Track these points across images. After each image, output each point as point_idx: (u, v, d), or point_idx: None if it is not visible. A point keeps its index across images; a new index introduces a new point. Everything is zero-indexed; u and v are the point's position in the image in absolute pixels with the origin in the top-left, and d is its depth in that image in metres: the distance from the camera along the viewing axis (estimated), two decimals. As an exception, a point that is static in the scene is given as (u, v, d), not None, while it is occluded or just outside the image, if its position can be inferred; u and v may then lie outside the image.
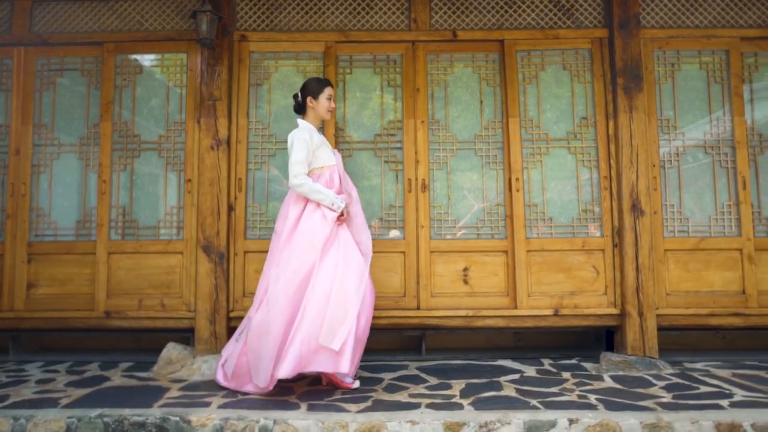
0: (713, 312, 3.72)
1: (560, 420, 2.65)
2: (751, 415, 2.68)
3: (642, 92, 3.78)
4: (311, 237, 3.03)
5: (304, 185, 3.09)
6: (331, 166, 3.25)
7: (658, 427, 2.63)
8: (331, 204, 3.07)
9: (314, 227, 3.05)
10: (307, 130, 3.21)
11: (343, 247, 3.09)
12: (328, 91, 3.30)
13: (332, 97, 3.34)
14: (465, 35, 3.93)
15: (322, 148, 3.25)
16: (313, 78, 3.38)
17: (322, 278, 2.96)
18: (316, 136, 3.22)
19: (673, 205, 3.83)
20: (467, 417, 2.67)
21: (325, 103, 3.30)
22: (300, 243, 3.03)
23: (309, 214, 3.10)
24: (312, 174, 3.20)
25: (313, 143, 3.17)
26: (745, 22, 3.96)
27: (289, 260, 3.01)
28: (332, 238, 3.09)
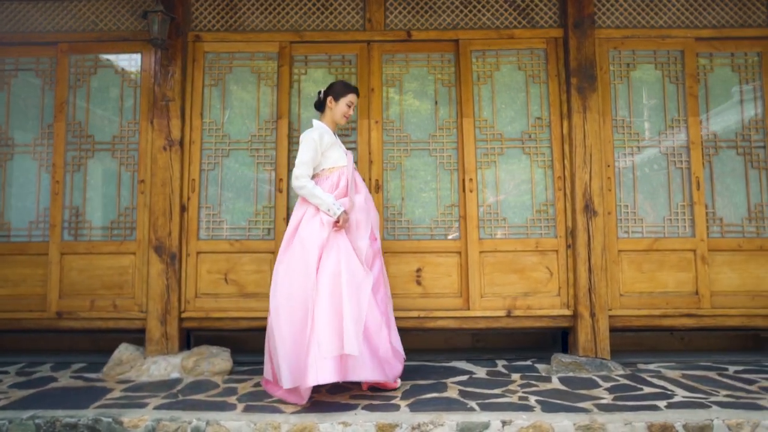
0: (666, 313, 3.71)
1: (493, 422, 2.64)
2: (684, 415, 2.67)
3: (596, 92, 3.76)
4: (307, 243, 2.97)
5: (304, 188, 3.06)
6: (340, 167, 3.19)
7: (591, 428, 2.62)
8: (327, 210, 3.00)
9: (311, 233, 2.99)
10: (318, 130, 3.18)
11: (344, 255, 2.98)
12: (351, 98, 3.27)
13: (353, 106, 3.30)
14: (419, 35, 3.92)
15: (333, 148, 3.19)
16: (342, 81, 3.35)
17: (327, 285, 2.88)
18: (327, 136, 3.17)
19: (627, 206, 3.82)
20: (400, 419, 2.66)
21: (344, 108, 3.26)
22: (297, 249, 2.99)
23: (308, 219, 3.05)
24: (321, 175, 3.17)
25: (322, 144, 3.13)
26: (700, 22, 3.94)
27: (287, 270, 2.97)
28: (331, 243, 2.99)
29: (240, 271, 3.78)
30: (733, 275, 3.78)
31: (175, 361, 3.53)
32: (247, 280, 3.77)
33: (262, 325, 3.71)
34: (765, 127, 3.89)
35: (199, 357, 3.54)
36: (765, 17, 3.95)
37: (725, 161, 3.89)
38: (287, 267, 2.99)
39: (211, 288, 3.76)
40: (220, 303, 3.75)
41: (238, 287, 3.77)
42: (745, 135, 3.89)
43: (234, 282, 3.77)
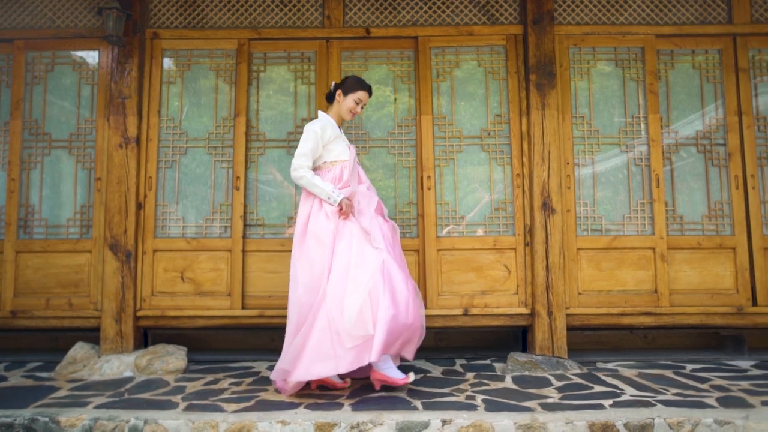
0: (625, 311, 3.68)
1: (433, 421, 2.61)
2: (626, 414, 2.65)
3: (555, 89, 3.74)
4: (319, 237, 2.98)
5: (303, 178, 3.05)
6: (343, 161, 3.16)
7: (532, 427, 2.59)
8: (327, 198, 3.00)
9: (320, 227, 3.00)
10: (322, 122, 3.16)
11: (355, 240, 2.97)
12: (360, 95, 3.21)
13: (361, 103, 3.23)
14: (378, 32, 3.90)
15: (336, 142, 3.17)
16: (356, 77, 3.29)
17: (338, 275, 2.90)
18: (330, 129, 3.14)
19: (587, 204, 3.80)
20: (340, 418, 2.64)
21: (351, 104, 3.21)
22: (311, 244, 3.00)
23: (315, 214, 3.04)
24: (322, 168, 3.15)
25: (324, 136, 3.11)
26: (661, 19, 3.92)
27: (304, 265, 2.98)
28: (340, 233, 3.00)
29: (197, 269, 3.76)
30: (693, 273, 3.76)
31: (128, 359, 3.51)
32: (203, 278, 3.75)
33: (220, 324, 3.72)
34: (725, 125, 3.86)
35: (154, 356, 3.52)
36: (726, 15, 3.92)
37: (686, 159, 3.86)
38: (305, 262, 2.99)
39: (167, 286, 3.74)
40: (177, 301, 3.73)
41: (194, 285, 3.75)
42: (706, 133, 3.87)
43: (191, 280, 3.75)
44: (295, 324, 3.00)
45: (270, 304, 3.73)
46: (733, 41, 3.90)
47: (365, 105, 3.29)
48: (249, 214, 3.81)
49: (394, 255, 3.05)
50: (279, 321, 3.69)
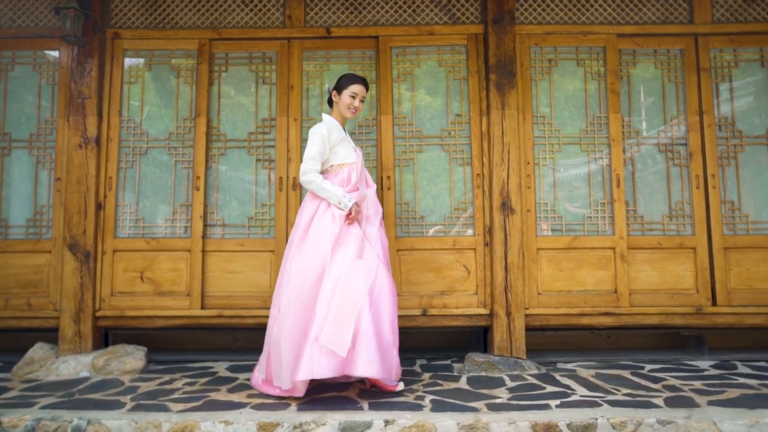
0: (584, 311, 3.68)
1: (376, 421, 2.61)
2: (570, 415, 2.64)
3: (515, 89, 3.73)
4: (321, 239, 2.94)
5: (312, 182, 3.01)
6: (350, 164, 3.13)
7: (475, 428, 2.59)
8: (338, 203, 2.96)
9: (324, 229, 2.95)
10: (327, 124, 3.12)
11: (351, 249, 2.94)
12: (354, 89, 3.15)
13: (358, 96, 3.16)
14: (339, 32, 3.89)
15: (342, 144, 3.13)
16: (348, 73, 3.26)
17: (330, 280, 2.87)
18: (335, 132, 3.11)
19: (547, 203, 3.79)
20: (283, 418, 2.64)
21: (347, 99, 3.15)
22: (311, 245, 2.95)
23: (321, 215, 3.00)
24: (330, 171, 3.11)
25: (331, 139, 3.07)
26: (623, 19, 3.91)
27: (301, 263, 2.94)
28: (342, 237, 2.96)
29: (156, 270, 3.75)
30: (654, 273, 3.76)
31: (86, 360, 3.51)
32: (163, 278, 3.75)
33: (179, 324, 3.72)
34: (687, 124, 3.85)
35: (111, 356, 3.52)
36: (687, 14, 3.91)
37: (648, 159, 3.86)
38: (300, 264, 2.94)
39: (127, 286, 3.74)
40: (136, 301, 3.73)
41: (154, 285, 3.74)
42: (667, 132, 3.86)
43: (150, 280, 3.75)
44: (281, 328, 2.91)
45: (229, 304, 3.73)
46: (695, 41, 3.89)
47: (364, 99, 3.21)
48: (209, 215, 3.81)
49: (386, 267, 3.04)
50: (237, 321, 3.70)
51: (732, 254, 3.76)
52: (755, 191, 3.83)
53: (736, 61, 3.91)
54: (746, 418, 2.61)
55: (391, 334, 2.92)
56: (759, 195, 3.83)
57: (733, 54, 3.91)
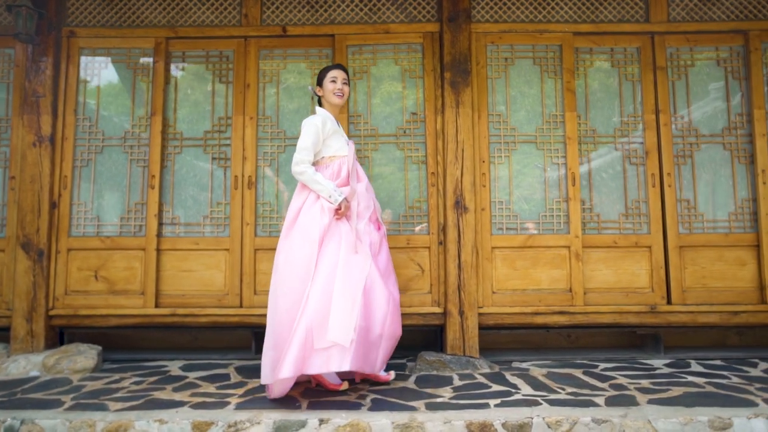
0: (538, 310, 3.67)
1: (311, 420, 2.60)
2: (506, 414, 2.63)
3: (470, 87, 3.72)
4: (308, 231, 2.91)
5: (304, 173, 2.99)
6: (342, 157, 3.11)
7: (410, 427, 2.58)
8: (329, 196, 2.94)
9: (312, 220, 2.93)
10: (321, 116, 3.11)
11: (345, 244, 2.92)
12: (333, 73, 3.17)
13: (338, 78, 3.16)
14: (295, 30, 3.89)
15: (335, 137, 3.12)
16: (324, 67, 3.28)
17: (323, 274, 2.84)
18: (329, 123, 3.09)
19: (502, 202, 3.78)
20: (218, 416, 2.63)
21: (330, 86, 3.16)
22: (297, 238, 2.93)
23: (309, 206, 2.98)
24: (321, 163, 3.10)
25: (324, 130, 3.06)
26: (579, 17, 3.90)
27: (288, 257, 2.92)
28: (331, 231, 2.94)
29: (111, 268, 3.75)
30: (609, 272, 3.75)
31: (36, 359, 3.50)
32: (117, 276, 3.74)
33: (133, 323, 3.71)
34: (643, 123, 3.84)
35: (63, 355, 3.52)
36: (643, 13, 3.90)
37: (604, 157, 3.85)
38: (286, 257, 2.92)
39: (81, 285, 3.74)
40: (90, 300, 3.72)
41: (108, 284, 3.74)
42: (624, 131, 3.86)
43: (104, 279, 3.74)
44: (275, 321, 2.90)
45: (184, 303, 3.73)
46: (651, 40, 3.88)
47: (347, 81, 3.21)
48: (165, 213, 3.81)
49: (378, 263, 3.02)
50: (191, 320, 3.70)
51: (687, 253, 3.75)
52: (711, 190, 3.82)
53: (693, 60, 3.90)
54: (681, 416, 2.61)
55: (380, 330, 2.91)
56: (715, 194, 3.82)
57: (690, 53, 3.90)
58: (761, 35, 3.84)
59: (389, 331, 2.96)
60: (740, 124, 3.85)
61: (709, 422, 2.60)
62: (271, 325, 2.90)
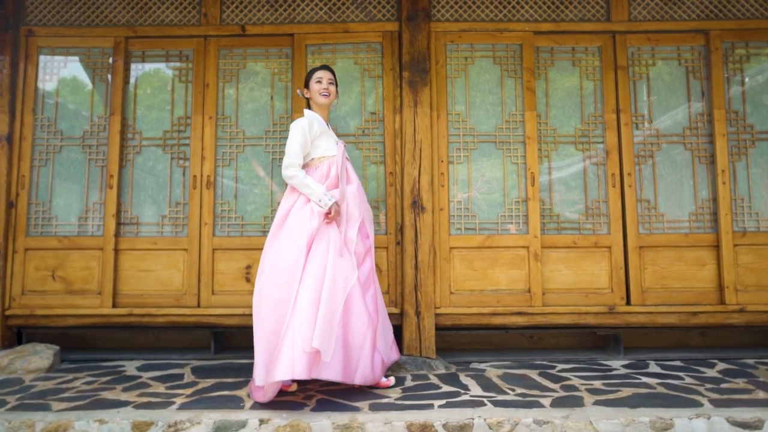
0: (496, 311, 3.66)
1: (251, 420, 2.59)
2: (448, 415, 2.62)
3: (428, 86, 3.71)
4: (297, 233, 2.90)
5: (294, 177, 2.98)
6: (330, 157, 3.09)
7: (350, 428, 2.57)
8: (318, 201, 2.92)
9: (301, 223, 2.91)
10: (308, 118, 3.10)
11: (333, 249, 2.90)
12: (318, 75, 3.16)
13: (324, 79, 3.14)
14: (254, 30, 3.88)
15: (323, 137, 3.09)
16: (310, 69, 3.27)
17: (312, 278, 2.83)
18: (316, 124, 3.07)
19: (461, 202, 3.77)
20: (158, 416, 2.62)
21: (315, 86, 3.15)
22: (285, 240, 2.91)
23: (298, 209, 2.96)
24: (310, 165, 3.08)
25: (312, 132, 3.04)
26: (540, 16, 3.89)
27: (275, 258, 2.91)
28: (321, 235, 2.93)
29: (68, 268, 3.74)
30: (569, 272, 3.73)
31: (-9, 359, 3.50)
32: (75, 276, 3.73)
33: (90, 323, 3.70)
34: (604, 122, 3.83)
35: (17, 355, 3.51)
36: (605, 12, 3.89)
37: (564, 157, 3.84)
38: (273, 258, 2.91)
39: (38, 285, 3.73)
40: (47, 300, 3.71)
41: (65, 284, 3.73)
42: (584, 130, 3.84)
43: (62, 279, 3.73)
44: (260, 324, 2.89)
45: (142, 303, 3.72)
46: (613, 39, 3.87)
47: (332, 81, 3.18)
48: (123, 213, 3.80)
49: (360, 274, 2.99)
50: (148, 320, 3.69)
51: (647, 253, 3.74)
52: (671, 190, 3.81)
53: (654, 59, 3.89)
54: (623, 417, 2.60)
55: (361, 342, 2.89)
56: (675, 194, 3.80)
57: (652, 52, 3.89)
58: (722, 35, 3.83)
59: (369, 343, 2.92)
60: (701, 124, 3.83)
61: (651, 423, 2.58)
62: (259, 327, 2.88)
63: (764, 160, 3.78)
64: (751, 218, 3.74)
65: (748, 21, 3.84)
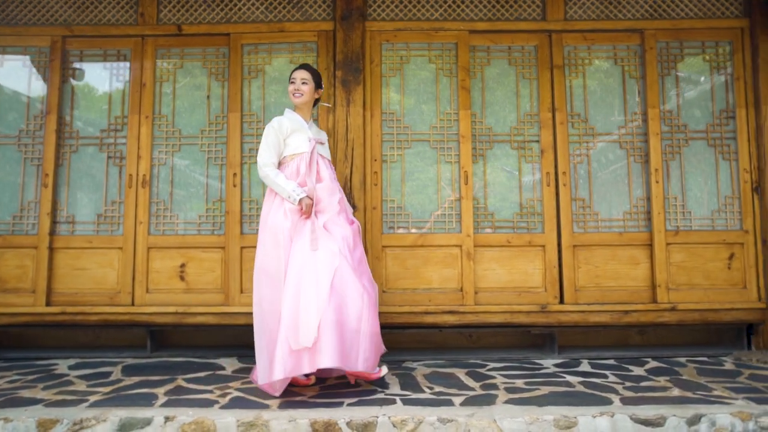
0: (428, 310, 3.66)
1: (156, 418, 2.60)
2: (352, 413, 2.62)
3: (361, 85, 3.72)
4: (275, 235, 2.96)
5: (267, 177, 3.04)
6: (299, 154, 3.10)
7: (255, 425, 2.58)
8: (288, 197, 2.97)
9: (277, 225, 2.97)
10: (279, 118, 3.13)
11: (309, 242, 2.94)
12: (292, 75, 3.18)
13: (297, 79, 3.14)
14: (190, 29, 3.89)
15: (294, 135, 3.10)
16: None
17: (291, 275, 2.88)
18: (287, 123, 3.10)
19: (394, 201, 3.78)
20: (64, 414, 2.62)
21: (290, 86, 3.17)
22: (268, 242, 2.99)
23: (276, 210, 3.02)
24: (283, 163, 3.11)
25: (282, 130, 3.07)
26: (476, 15, 3.89)
27: (261, 261, 2.99)
28: (298, 232, 2.96)
29: (2, 266, 3.75)
30: (502, 271, 3.74)
31: None
32: (9, 275, 3.75)
33: (23, 321, 3.72)
34: (539, 121, 3.83)
35: (-52, 353, 3.52)
36: (540, 11, 3.89)
37: (499, 156, 3.84)
38: (261, 261, 2.99)
39: (-29, 284, 3.75)
40: (-21, 298, 3.73)
41: (0, 283, 3.75)
42: (520, 129, 3.84)
43: (-5, 277, 3.75)
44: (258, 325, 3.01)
45: (76, 301, 3.73)
46: (549, 38, 3.87)
47: (306, 80, 3.15)
48: (59, 212, 3.81)
49: (352, 259, 3.00)
50: (82, 318, 3.70)
51: (581, 252, 3.74)
52: (607, 189, 3.81)
53: (590, 58, 3.89)
54: (528, 415, 2.60)
55: (357, 325, 2.86)
56: (610, 193, 3.80)
57: (588, 51, 3.89)
58: (657, 34, 3.83)
59: (366, 327, 2.90)
60: (636, 123, 3.83)
61: (555, 421, 2.59)
62: (258, 328, 2.99)
63: (697, 159, 3.79)
64: (684, 217, 3.74)
65: (682, 21, 3.84)
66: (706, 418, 2.62)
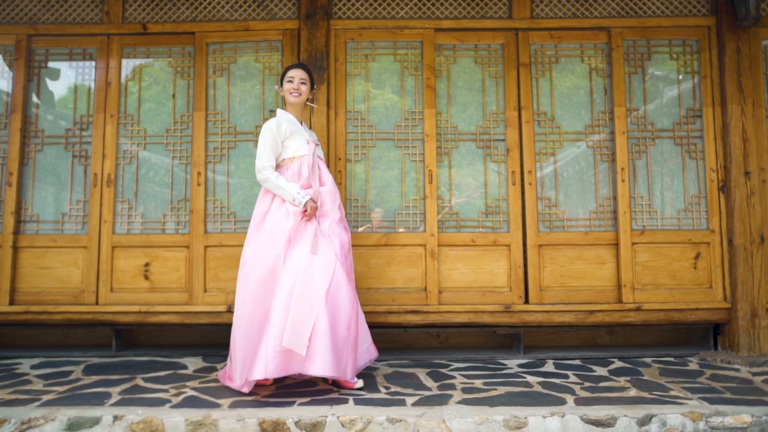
0: (391, 310, 3.64)
1: (105, 417, 2.59)
2: (301, 412, 2.61)
3: (325, 84, 3.71)
4: (274, 234, 2.93)
5: (267, 180, 3.00)
6: (300, 157, 3.07)
7: (203, 424, 2.57)
8: (292, 200, 2.94)
9: (278, 224, 2.94)
10: (277, 118, 3.10)
11: (309, 246, 2.92)
12: (289, 74, 3.15)
13: (295, 78, 3.12)
14: (155, 28, 3.88)
15: (293, 137, 3.07)
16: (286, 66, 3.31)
17: (286, 277, 2.86)
18: (285, 124, 3.06)
19: (358, 200, 3.76)
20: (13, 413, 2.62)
21: (286, 86, 3.14)
22: (264, 241, 2.94)
23: (274, 211, 2.99)
24: (281, 166, 3.09)
25: (281, 132, 3.03)
26: (441, 13, 3.87)
27: (254, 259, 2.94)
28: (299, 233, 2.95)
29: (-33, 266, 3.75)
30: (467, 271, 3.72)
31: None
32: (-27, 274, 3.75)
33: (-12, 321, 3.71)
34: (505, 119, 3.81)
35: None
36: (506, 9, 3.87)
37: (465, 154, 3.82)
38: (252, 260, 2.95)
39: (-64, 283, 3.74)
40: (-55, 298, 3.72)
41: (-37, 282, 3.74)
42: (486, 128, 3.83)
43: (-40, 277, 3.74)
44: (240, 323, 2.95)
45: (39, 300, 3.72)
46: (515, 36, 3.85)
47: (304, 80, 3.15)
48: (24, 211, 3.80)
49: (345, 267, 3.01)
50: (46, 317, 3.69)
51: (547, 251, 3.72)
52: (573, 188, 3.79)
53: (557, 56, 3.87)
54: (477, 415, 2.59)
55: (347, 333, 2.88)
56: (577, 192, 3.78)
57: (555, 50, 3.87)
58: (624, 33, 3.81)
59: (353, 334, 2.92)
60: (603, 121, 3.81)
61: (504, 422, 2.57)
62: (239, 329, 2.94)
63: (664, 159, 3.76)
64: (650, 216, 3.72)
65: (649, 19, 3.81)
66: (657, 419, 2.61)
